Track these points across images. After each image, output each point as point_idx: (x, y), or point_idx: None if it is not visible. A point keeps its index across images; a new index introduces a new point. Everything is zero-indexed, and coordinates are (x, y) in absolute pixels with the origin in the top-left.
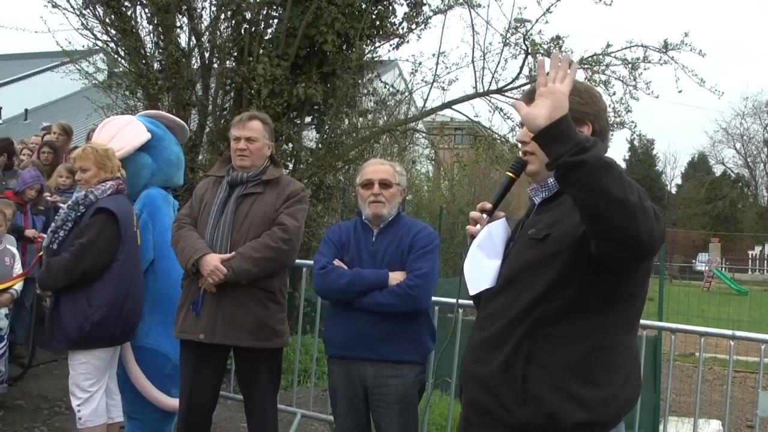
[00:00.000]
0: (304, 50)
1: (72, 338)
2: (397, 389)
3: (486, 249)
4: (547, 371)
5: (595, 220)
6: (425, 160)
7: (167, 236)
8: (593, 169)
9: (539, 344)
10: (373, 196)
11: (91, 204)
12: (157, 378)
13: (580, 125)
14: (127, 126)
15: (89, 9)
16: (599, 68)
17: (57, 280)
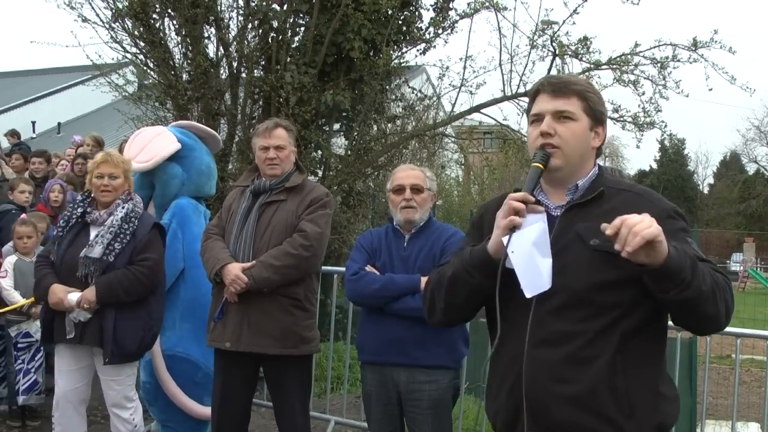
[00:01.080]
0: (332, 57)
1: (130, 352)
2: (430, 395)
3: (541, 247)
4: (644, 382)
5: (685, 323)
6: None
7: (197, 245)
8: (693, 302)
9: (630, 357)
10: (404, 202)
11: (139, 216)
12: (188, 386)
13: (600, 125)
14: (157, 137)
15: (118, 22)
16: (628, 68)
17: (129, 294)
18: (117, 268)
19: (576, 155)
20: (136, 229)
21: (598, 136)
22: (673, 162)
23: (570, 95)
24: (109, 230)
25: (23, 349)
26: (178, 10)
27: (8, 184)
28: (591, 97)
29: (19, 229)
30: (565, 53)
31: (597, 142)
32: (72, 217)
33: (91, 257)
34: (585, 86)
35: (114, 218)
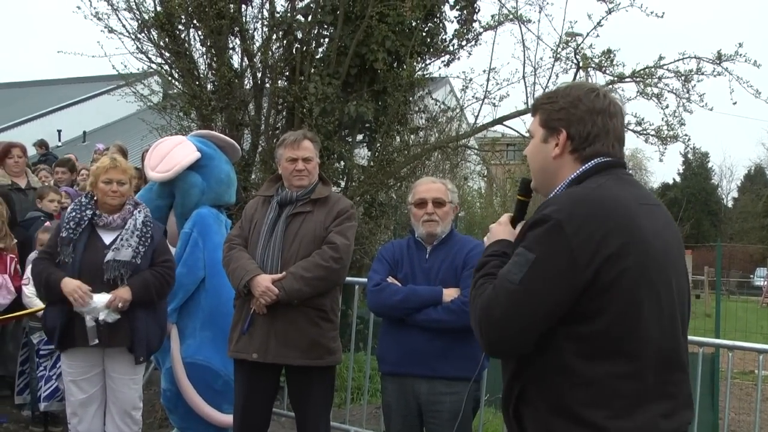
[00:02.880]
0: (355, 68)
1: (154, 349)
2: (451, 406)
3: None
4: (535, 409)
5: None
6: (477, 176)
7: (218, 254)
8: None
9: (525, 383)
10: (426, 215)
11: (152, 221)
12: (208, 394)
13: (555, 133)
14: (178, 146)
15: (144, 33)
16: (652, 81)
17: (160, 294)
18: (141, 269)
19: (536, 171)
20: (153, 233)
21: (558, 143)
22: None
23: (534, 113)
24: (134, 234)
25: (45, 356)
26: (204, 21)
27: (37, 192)
28: (544, 107)
29: (41, 236)
30: (588, 66)
31: (557, 151)
32: (83, 219)
33: (120, 260)
34: (544, 99)
35: (135, 222)
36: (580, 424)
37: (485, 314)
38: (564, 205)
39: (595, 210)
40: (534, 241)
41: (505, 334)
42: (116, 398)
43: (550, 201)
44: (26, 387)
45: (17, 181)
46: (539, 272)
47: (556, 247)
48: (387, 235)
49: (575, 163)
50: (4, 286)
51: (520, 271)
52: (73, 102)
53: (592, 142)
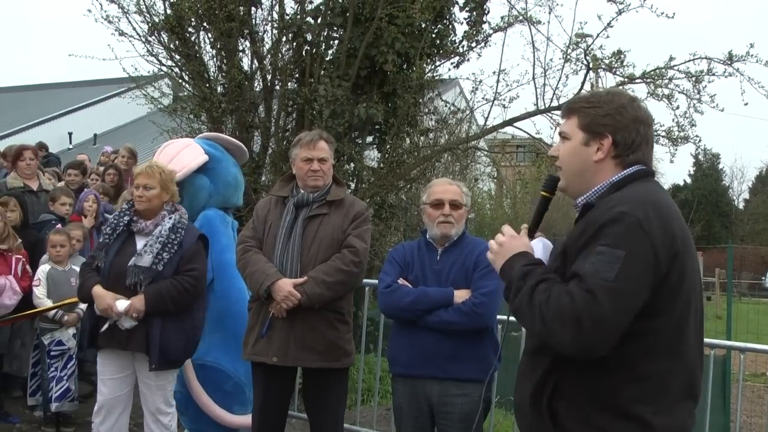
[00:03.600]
0: (365, 70)
1: (174, 358)
2: (462, 407)
3: None
4: (574, 405)
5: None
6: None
7: (225, 256)
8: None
9: (564, 378)
10: (443, 217)
11: (185, 227)
12: (218, 395)
13: (600, 138)
14: (185, 149)
15: (154, 36)
16: (662, 82)
17: (177, 303)
18: (165, 277)
19: (572, 173)
20: (183, 240)
21: (601, 147)
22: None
23: (569, 115)
24: (158, 240)
25: (56, 357)
26: (214, 24)
27: (49, 195)
28: (587, 111)
29: (52, 237)
30: (598, 67)
31: (600, 155)
32: (119, 225)
33: (140, 266)
34: (584, 103)
35: (162, 228)
36: (625, 418)
37: (586, 314)
38: (636, 205)
39: (662, 213)
40: (619, 238)
41: (608, 331)
42: (145, 401)
43: (615, 201)
44: (38, 389)
45: (29, 184)
46: (631, 268)
47: (642, 244)
48: (397, 237)
49: (616, 168)
50: (9, 288)
51: (612, 269)
52: (84, 105)
53: (635, 149)
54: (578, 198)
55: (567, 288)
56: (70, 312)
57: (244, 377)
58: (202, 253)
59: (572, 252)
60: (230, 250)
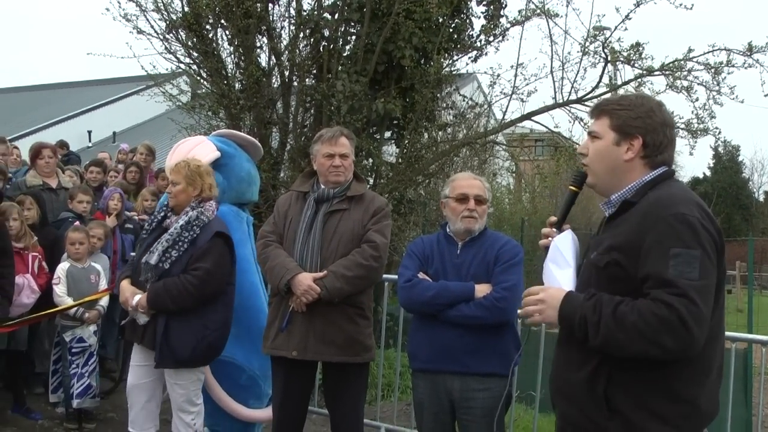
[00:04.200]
0: (383, 65)
1: (181, 358)
2: (483, 402)
3: (557, 261)
4: (629, 391)
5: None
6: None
7: (238, 251)
8: (602, 349)
9: (617, 368)
10: (467, 211)
11: (204, 225)
12: (234, 389)
13: (630, 138)
14: (197, 146)
15: (172, 33)
16: (681, 74)
17: (177, 302)
18: (173, 275)
19: (602, 171)
20: (197, 237)
21: (632, 148)
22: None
23: (600, 115)
24: (167, 237)
25: (77, 354)
26: (231, 21)
27: (68, 192)
28: (617, 113)
29: (71, 235)
30: (617, 59)
31: (630, 155)
32: (153, 221)
33: (149, 263)
34: (616, 105)
35: (175, 225)
36: (677, 401)
37: (688, 316)
38: (689, 205)
39: (706, 210)
40: (689, 238)
41: (706, 327)
42: (170, 396)
43: (664, 200)
44: (60, 385)
45: (48, 182)
46: (706, 265)
47: (708, 242)
48: (416, 232)
49: (644, 167)
50: (26, 286)
51: (694, 268)
52: (103, 103)
53: (662, 151)
54: (611, 194)
55: (656, 298)
56: (90, 309)
57: (258, 371)
58: (215, 251)
59: (633, 249)
60: (243, 245)
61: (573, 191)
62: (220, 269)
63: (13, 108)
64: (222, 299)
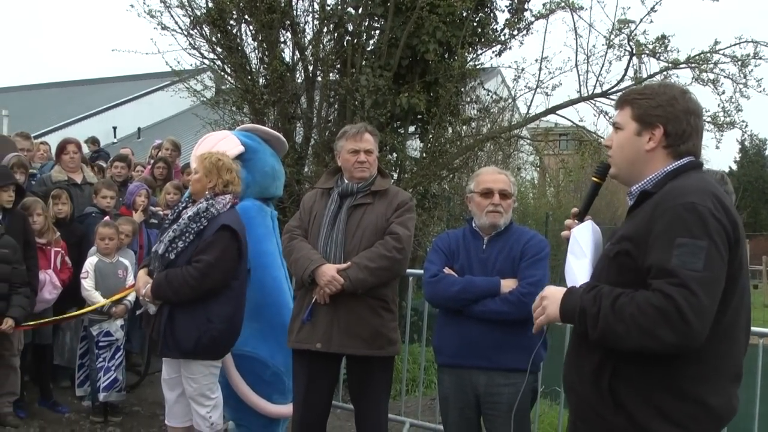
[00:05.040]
0: (407, 60)
1: (186, 350)
2: (509, 398)
3: (575, 252)
4: (634, 386)
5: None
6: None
7: (261, 246)
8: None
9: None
10: (492, 206)
11: (212, 217)
12: (258, 385)
13: (651, 128)
14: (221, 141)
15: (196, 29)
16: (707, 67)
17: (178, 294)
18: (178, 266)
19: (624, 162)
20: (204, 229)
21: (653, 137)
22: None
23: (623, 106)
24: (174, 228)
25: (104, 348)
26: (255, 16)
27: (93, 187)
28: (639, 102)
29: (101, 230)
30: (642, 52)
31: (651, 145)
32: (176, 212)
33: (157, 253)
34: (638, 94)
35: (183, 216)
36: (684, 399)
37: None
38: (702, 195)
39: (722, 201)
40: (697, 228)
41: (707, 320)
42: (185, 389)
43: (678, 190)
44: (86, 379)
45: (73, 177)
46: (713, 256)
47: (717, 233)
48: (440, 227)
49: (667, 158)
50: (48, 282)
51: (699, 259)
52: (128, 99)
53: (685, 140)
54: (632, 186)
55: (656, 288)
56: (118, 304)
57: (282, 366)
58: (219, 244)
59: (642, 238)
60: (267, 240)
61: (596, 182)
62: (222, 263)
63: (40, 104)
64: (227, 293)
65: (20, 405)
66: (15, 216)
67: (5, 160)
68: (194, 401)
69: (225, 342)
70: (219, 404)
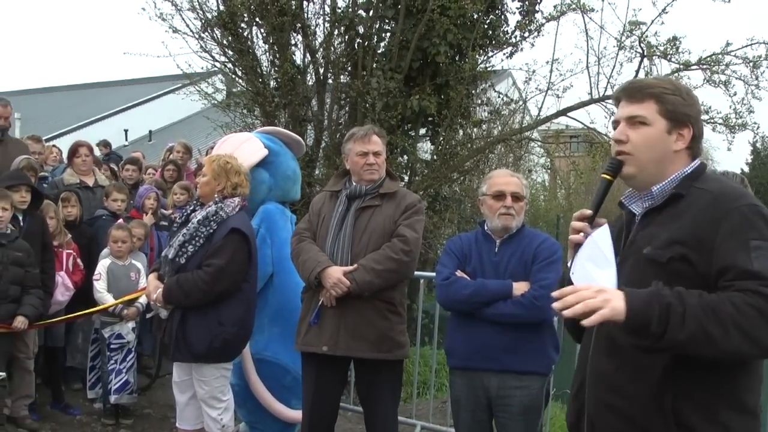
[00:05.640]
0: (417, 62)
1: (198, 353)
2: (521, 400)
3: (595, 259)
4: (699, 406)
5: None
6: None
7: (285, 250)
8: (679, 349)
9: (685, 378)
10: (504, 208)
11: (222, 221)
12: (277, 389)
13: (682, 127)
14: (245, 143)
15: (207, 32)
16: (718, 68)
17: (189, 297)
18: (188, 270)
19: (650, 161)
20: (213, 233)
21: (681, 137)
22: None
23: (644, 99)
24: (184, 232)
25: (116, 350)
26: (266, 19)
27: (104, 190)
28: (669, 98)
29: (114, 233)
30: (653, 54)
31: (680, 145)
32: (184, 214)
33: (167, 257)
34: (663, 88)
35: (193, 220)
36: (744, 412)
37: None
38: (751, 196)
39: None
40: (765, 230)
41: None
42: (196, 391)
43: (732, 192)
44: (98, 382)
45: (85, 180)
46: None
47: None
48: (451, 229)
49: (687, 159)
50: (61, 284)
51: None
52: (139, 102)
53: (699, 141)
54: (651, 186)
55: (748, 289)
56: (129, 306)
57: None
58: (229, 247)
59: (701, 241)
60: (289, 244)
61: (608, 180)
62: (233, 266)
63: (52, 107)
64: (238, 296)
65: (33, 407)
66: (34, 218)
67: (15, 163)
68: (206, 404)
69: (236, 345)
70: (230, 406)
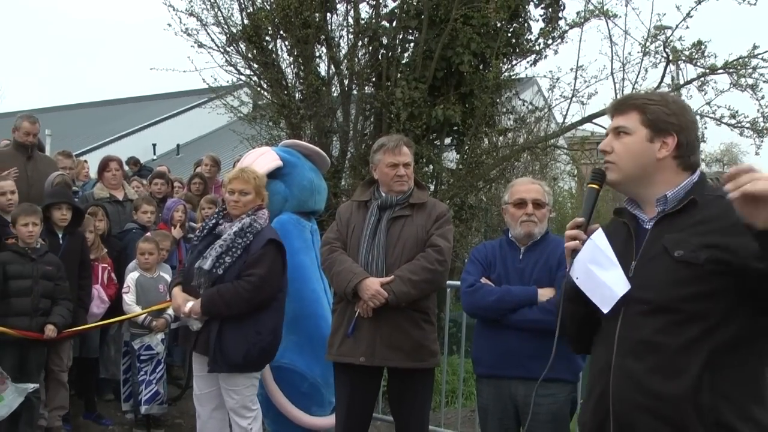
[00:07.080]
0: (441, 72)
1: (235, 363)
2: (549, 408)
3: (599, 262)
4: (734, 403)
5: None
6: (567, 176)
7: (298, 258)
8: None
9: (720, 375)
10: (526, 216)
11: (257, 232)
12: (295, 397)
13: (665, 135)
14: (261, 156)
15: (232, 46)
16: (745, 71)
17: (231, 308)
18: (226, 281)
19: (632, 168)
20: (250, 244)
21: (665, 145)
22: None
23: (628, 110)
24: (221, 243)
25: (145, 361)
26: (290, 32)
27: (133, 204)
28: (651, 108)
29: (142, 245)
30: (678, 59)
31: (663, 152)
32: (205, 227)
33: (202, 269)
34: (648, 99)
35: (229, 232)
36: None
37: None
38: None
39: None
40: None
41: None
42: (225, 402)
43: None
44: (131, 395)
45: (115, 194)
46: None
47: None
48: (478, 238)
49: (678, 168)
50: (96, 296)
51: None
52: (167, 116)
53: (693, 151)
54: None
55: None
56: (158, 318)
57: (320, 378)
58: (268, 258)
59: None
60: (304, 252)
61: (595, 189)
62: (273, 276)
63: (82, 123)
64: (274, 305)
65: (66, 418)
66: (74, 236)
67: (49, 180)
68: (235, 413)
69: (271, 353)
70: (259, 416)
